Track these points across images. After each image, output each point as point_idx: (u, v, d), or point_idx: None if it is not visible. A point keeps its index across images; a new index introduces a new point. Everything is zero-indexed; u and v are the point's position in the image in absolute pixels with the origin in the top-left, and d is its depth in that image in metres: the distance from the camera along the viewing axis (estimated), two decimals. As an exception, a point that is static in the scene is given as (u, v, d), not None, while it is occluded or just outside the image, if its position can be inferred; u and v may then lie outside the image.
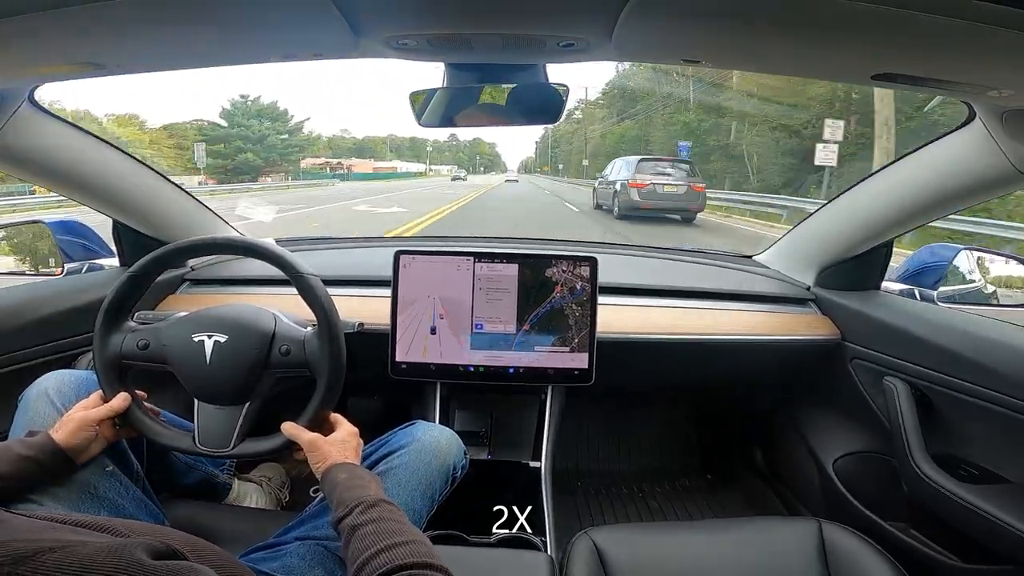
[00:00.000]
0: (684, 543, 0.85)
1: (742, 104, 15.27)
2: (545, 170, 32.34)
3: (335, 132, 60.28)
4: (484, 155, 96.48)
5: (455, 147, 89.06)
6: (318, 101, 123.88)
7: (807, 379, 1.32)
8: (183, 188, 1.26)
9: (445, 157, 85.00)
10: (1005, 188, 0.87)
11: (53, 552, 0.35)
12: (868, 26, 0.48)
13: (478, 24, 0.58)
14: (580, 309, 1.09)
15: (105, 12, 0.50)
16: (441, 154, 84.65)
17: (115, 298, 0.78)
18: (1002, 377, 0.86)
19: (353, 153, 57.05)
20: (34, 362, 0.97)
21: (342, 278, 1.22)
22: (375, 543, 0.55)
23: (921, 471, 0.95)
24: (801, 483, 1.33)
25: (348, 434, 0.76)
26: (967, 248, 1.24)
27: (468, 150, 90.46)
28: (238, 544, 0.75)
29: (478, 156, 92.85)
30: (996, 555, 0.87)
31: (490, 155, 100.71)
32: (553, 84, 0.74)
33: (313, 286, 0.76)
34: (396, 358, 1.10)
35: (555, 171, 45.07)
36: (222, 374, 0.76)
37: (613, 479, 1.63)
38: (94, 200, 1.08)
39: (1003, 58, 0.53)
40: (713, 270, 1.41)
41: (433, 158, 77.00)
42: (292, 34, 0.61)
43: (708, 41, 0.60)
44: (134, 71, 0.72)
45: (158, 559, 0.38)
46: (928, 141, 0.93)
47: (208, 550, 0.52)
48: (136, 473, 0.81)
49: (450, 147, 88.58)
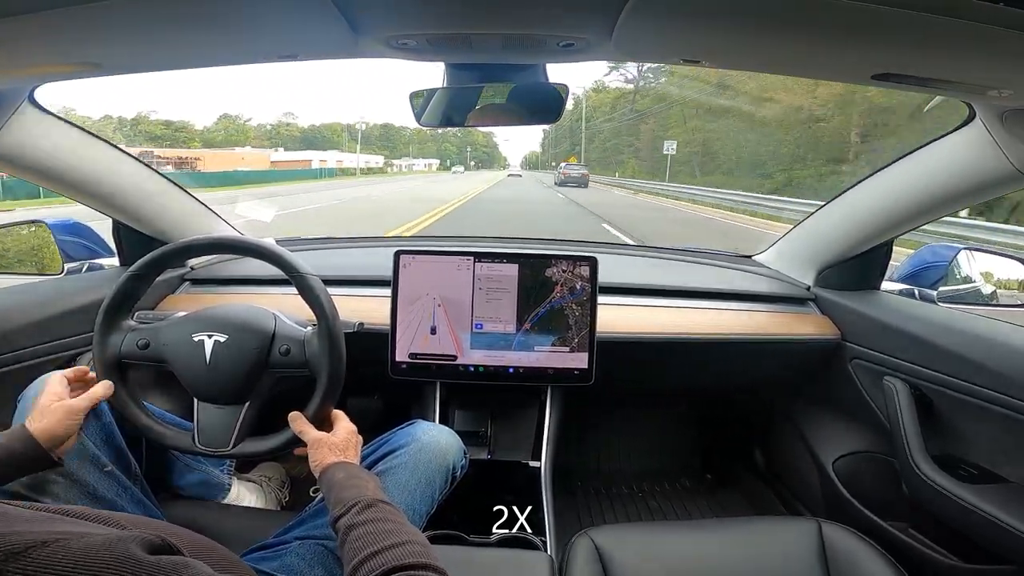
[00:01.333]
0: (684, 543, 0.85)
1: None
2: (572, 162, 28.80)
3: (278, 119, 49.26)
4: (478, 147, 79.70)
5: (440, 137, 73.34)
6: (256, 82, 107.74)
7: (807, 379, 1.32)
8: (183, 188, 1.26)
9: (427, 149, 71.36)
10: (1005, 188, 0.87)
11: (46, 547, 0.35)
12: (868, 26, 0.48)
13: (478, 24, 0.58)
14: (580, 309, 1.09)
15: (105, 12, 0.50)
16: (423, 145, 70.93)
17: (115, 298, 0.78)
18: (1002, 377, 0.86)
19: (302, 144, 44.86)
20: (34, 362, 0.96)
21: (342, 278, 1.22)
22: (371, 544, 0.55)
23: (921, 471, 0.95)
24: (801, 483, 1.33)
25: (347, 433, 0.76)
26: (967, 248, 1.24)
27: (457, 140, 76.04)
28: (238, 544, 0.75)
29: (469, 148, 77.37)
30: (996, 555, 0.87)
31: (486, 147, 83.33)
32: (553, 84, 0.74)
33: (313, 286, 0.76)
34: (396, 358, 1.10)
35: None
36: (222, 374, 0.76)
37: (613, 479, 1.63)
38: (94, 200, 1.08)
39: (1003, 58, 0.53)
40: (713, 270, 1.41)
41: (417, 150, 64.47)
42: (292, 34, 0.61)
43: (708, 41, 0.60)
44: (133, 71, 0.72)
45: (153, 553, 0.37)
46: (928, 141, 0.93)
47: (206, 546, 0.52)
48: (135, 473, 0.81)
49: (434, 136, 72.87)
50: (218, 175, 24.29)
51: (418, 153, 68.59)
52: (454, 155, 71.13)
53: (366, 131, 58.76)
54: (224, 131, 44.79)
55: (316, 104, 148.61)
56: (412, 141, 68.40)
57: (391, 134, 63.85)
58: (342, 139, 54.13)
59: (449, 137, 73.25)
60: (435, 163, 58.99)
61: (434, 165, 51.53)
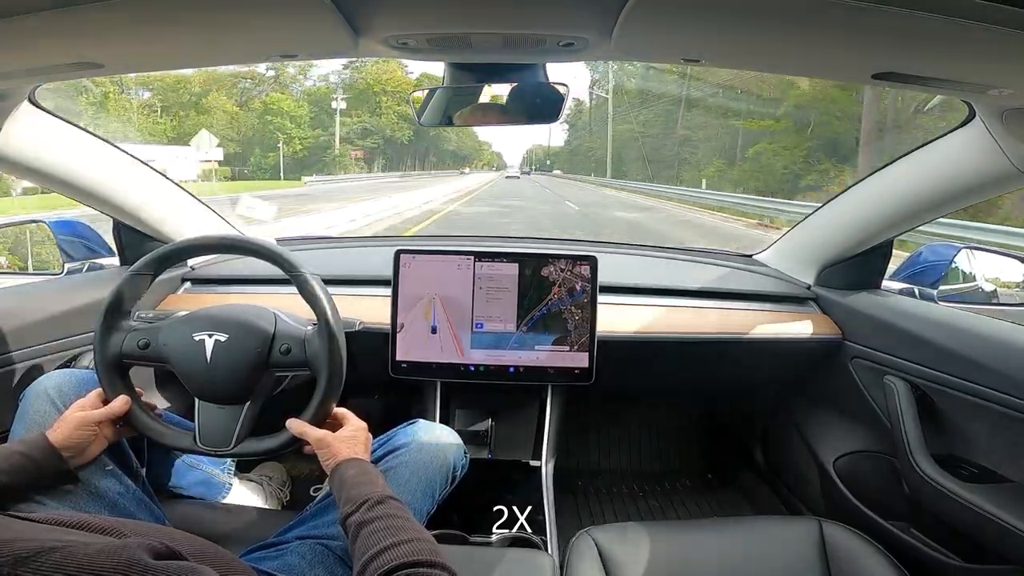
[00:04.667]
0: (685, 542, 0.85)
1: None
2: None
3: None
4: (443, 139, 40.96)
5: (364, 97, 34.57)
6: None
7: (807, 378, 1.32)
8: (183, 187, 1.26)
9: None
10: (1005, 187, 0.87)
11: (54, 552, 0.35)
12: (868, 26, 0.48)
13: (478, 23, 0.58)
14: (580, 308, 1.09)
15: (105, 12, 0.50)
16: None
17: (116, 297, 0.78)
18: (1003, 376, 0.86)
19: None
20: (34, 362, 0.97)
21: (342, 277, 1.22)
22: (381, 540, 0.55)
23: (922, 470, 0.95)
24: (801, 482, 1.33)
25: (356, 429, 0.76)
26: (967, 247, 1.24)
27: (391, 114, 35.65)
28: (239, 543, 0.75)
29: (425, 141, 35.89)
30: (997, 555, 0.87)
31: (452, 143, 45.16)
32: (553, 83, 0.74)
33: (313, 285, 0.76)
34: (396, 357, 1.10)
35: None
36: (222, 373, 0.76)
37: (614, 478, 1.63)
38: (94, 200, 1.08)
39: (1003, 58, 0.53)
40: (713, 269, 1.41)
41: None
42: (292, 34, 0.61)
43: (708, 41, 0.60)
44: (134, 70, 0.72)
45: (159, 559, 0.38)
46: (928, 140, 0.93)
47: (208, 549, 0.53)
48: (136, 472, 0.81)
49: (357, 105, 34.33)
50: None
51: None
52: (381, 150, 38.33)
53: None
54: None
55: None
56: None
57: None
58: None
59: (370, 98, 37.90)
60: (315, 179, 27.08)
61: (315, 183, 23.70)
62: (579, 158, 46.59)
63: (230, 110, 32.36)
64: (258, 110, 33.91)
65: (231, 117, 32.24)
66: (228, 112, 32.19)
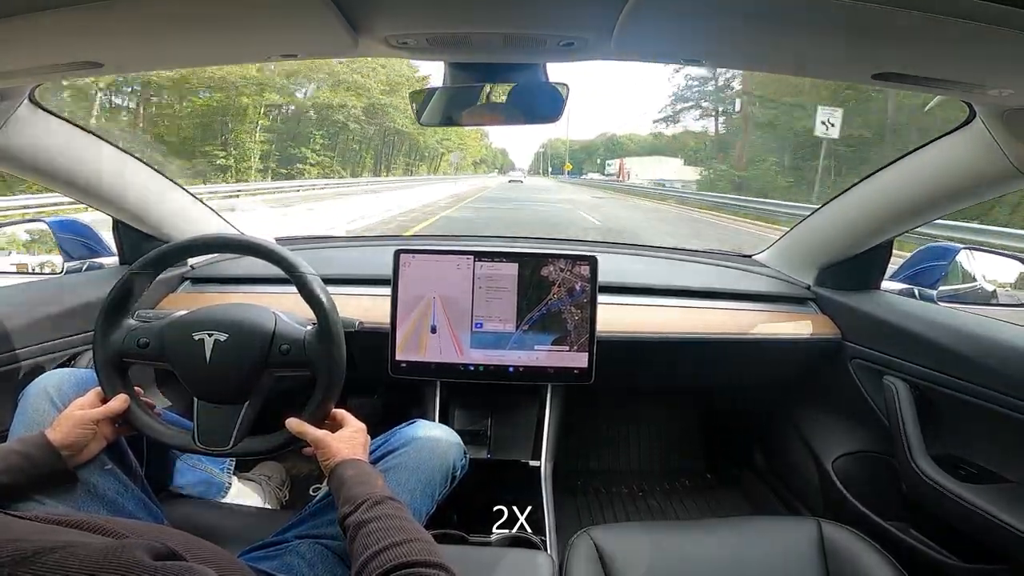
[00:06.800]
0: (684, 542, 0.85)
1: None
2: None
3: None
4: (427, 137, 30.92)
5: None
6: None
7: (807, 378, 1.32)
8: (183, 187, 1.26)
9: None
10: (1005, 187, 0.87)
11: (54, 552, 0.35)
12: (868, 26, 0.48)
13: (478, 23, 0.58)
14: (580, 308, 1.09)
15: (105, 12, 0.50)
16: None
17: (115, 296, 0.78)
18: (1002, 377, 0.86)
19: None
20: (34, 361, 0.97)
21: (342, 277, 1.22)
22: (380, 540, 0.56)
23: (921, 470, 0.95)
24: (801, 482, 1.33)
25: (355, 430, 0.76)
26: (967, 248, 1.24)
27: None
28: (238, 543, 0.75)
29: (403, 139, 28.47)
30: (996, 555, 0.87)
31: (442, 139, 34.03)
32: (554, 83, 0.74)
33: (313, 285, 0.76)
34: (396, 357, 1.10)
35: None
36: (222, 373, 0.76)
37: (613, 478, 1.63)
38: (94, 199, 1.08)
39: (1003, 58, 0.53)
40: (713, 269, 1.41)
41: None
42: (291, 33, 0.61)
43: (708, 41, 0.60)
44: (133, 70, 0.72)
45: (158, 560, 0.38)
46: (928, 141, 0.93)
47: (206, 549, 0.52)
48: (135, 471, 0.81)
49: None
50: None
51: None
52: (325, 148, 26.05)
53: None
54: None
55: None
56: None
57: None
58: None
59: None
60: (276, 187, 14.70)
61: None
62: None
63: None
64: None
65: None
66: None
